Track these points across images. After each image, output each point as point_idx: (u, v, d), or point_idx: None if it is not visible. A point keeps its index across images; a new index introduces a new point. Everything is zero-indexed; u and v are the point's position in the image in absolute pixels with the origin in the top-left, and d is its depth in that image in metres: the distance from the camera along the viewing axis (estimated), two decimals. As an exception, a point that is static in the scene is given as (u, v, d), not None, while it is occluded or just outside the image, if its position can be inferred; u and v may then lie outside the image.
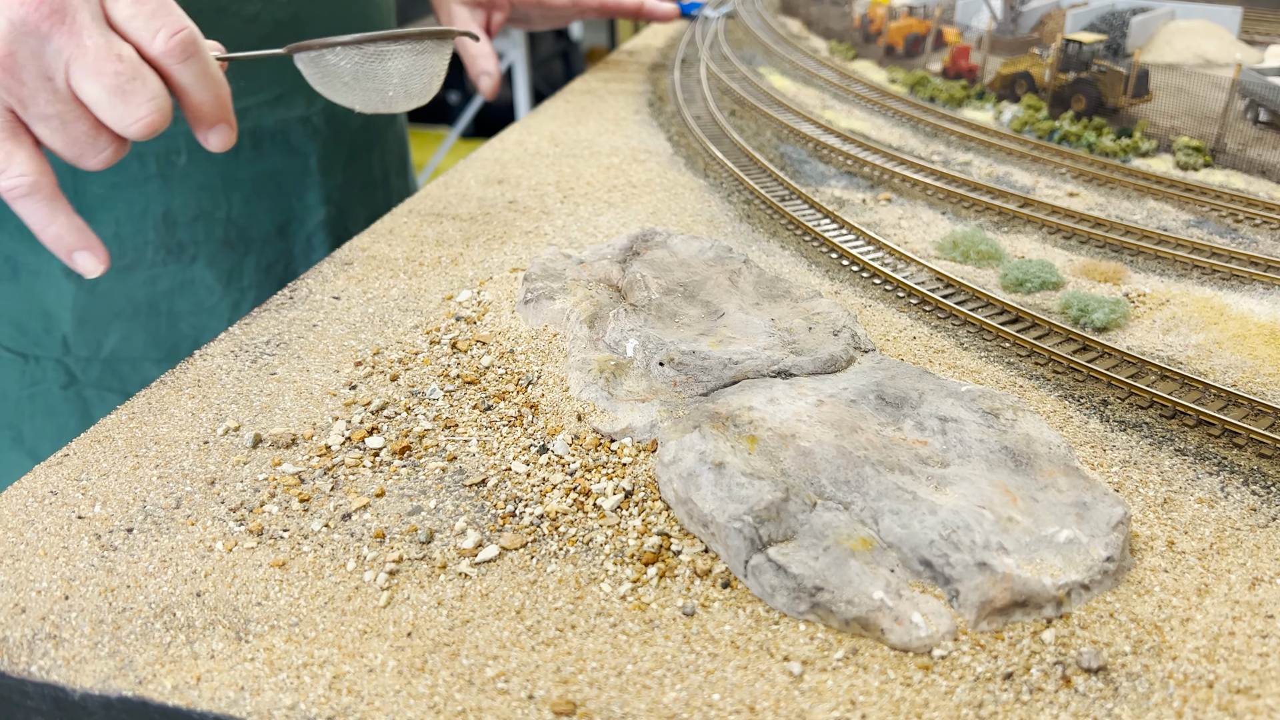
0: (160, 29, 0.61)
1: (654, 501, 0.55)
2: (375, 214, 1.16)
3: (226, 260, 0.98)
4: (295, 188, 1.02)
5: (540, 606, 0.49)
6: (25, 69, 0.59)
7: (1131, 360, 0.68)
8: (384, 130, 1.16)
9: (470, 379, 0.68)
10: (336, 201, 1.06)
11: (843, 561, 0.48)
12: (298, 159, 1.02)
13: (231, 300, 1.00)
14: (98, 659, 0.47)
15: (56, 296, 0.94)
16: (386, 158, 1.17)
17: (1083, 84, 1.16)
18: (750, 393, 0.60)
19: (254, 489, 0.58)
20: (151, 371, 0.99)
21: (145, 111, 0.61)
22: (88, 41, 0.59)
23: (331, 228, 1.06)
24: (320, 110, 1.02)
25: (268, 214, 1.01)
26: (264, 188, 0.99)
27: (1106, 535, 0.49)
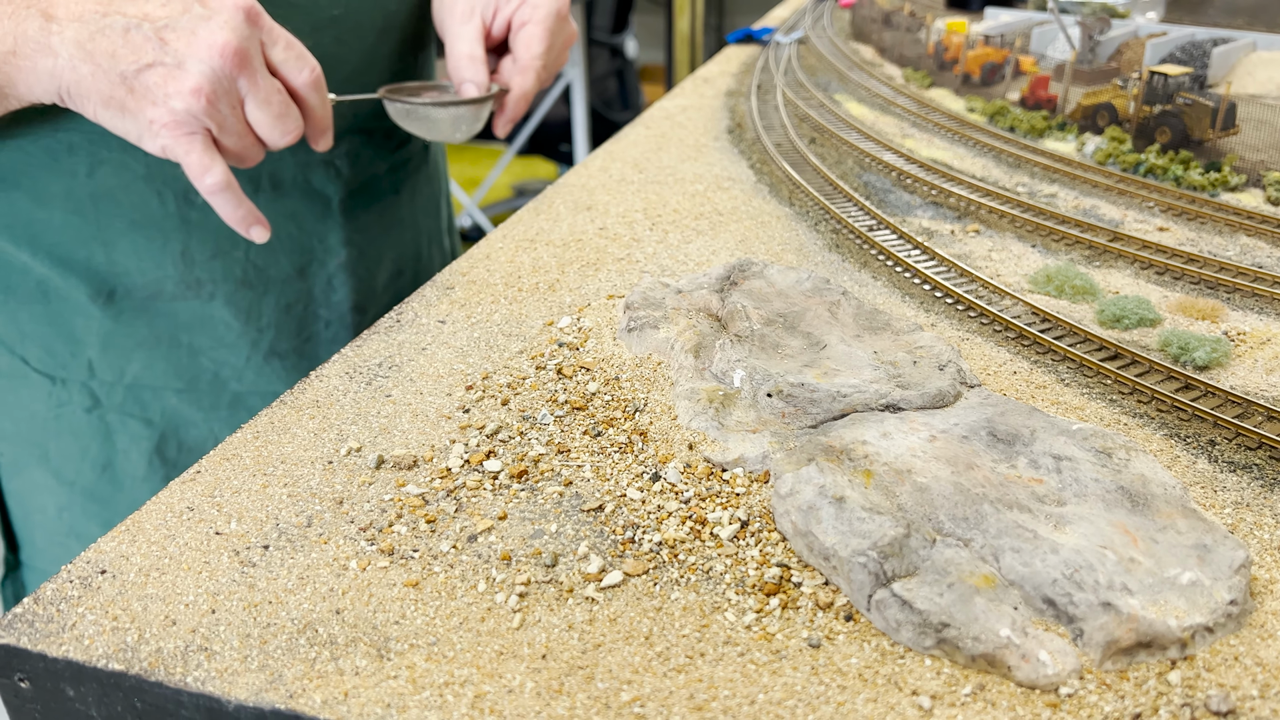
0: (304, 68, 0.81)
1: (770, 532, 0.57)
2: (402, 256, 1.17)
3: (244, 299, 1.01)
4: (316, 229, 1.03)
5: (668, 633, 0.50)
6: (220, 102, 0.77)
7: (1236, 400, 0.68)
8: (413, 172, 1.16)
9: (578, 405, 0.69)
10: (358, 244, 1.08)
11: (968, 598, 0.49)
12: (318, 201, 1.03)
13: (250, 339, 1.02)
14: (249, 672, 0.49)
15: (84, 322, 0.97)
16: (416, 200, 1.17)
17: (1168, 116, 1.16)
18: (861, 427, 0.61)
19: (381, 509, 0.60)
20: (172, 401, 1.02)
21: (293, 130, 0.82)
22: (260, 81, 0.78)
23: (353, 269, 1.07)
24: (344, 153, 1.03)
25: (287, 255, 1.02)
26: (283, 228, 1.01)
27: (1229, 578, 0.50)
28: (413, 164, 1.16)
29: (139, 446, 1.01)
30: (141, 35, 0.74)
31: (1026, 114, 1.28)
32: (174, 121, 0.76)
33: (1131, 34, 1.53)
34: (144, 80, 0.75)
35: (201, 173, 0.78)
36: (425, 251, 1.21)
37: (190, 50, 0.75)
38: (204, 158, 0.78)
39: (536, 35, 0.96)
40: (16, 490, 1.05)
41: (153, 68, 0.75)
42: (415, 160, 1.16)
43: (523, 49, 0.97)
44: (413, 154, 1.16)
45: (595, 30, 5.29)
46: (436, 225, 1.26)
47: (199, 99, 0.75)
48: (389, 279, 1.13)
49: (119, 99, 0.76)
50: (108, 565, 0.56)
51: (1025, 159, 1.16)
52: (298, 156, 0.99)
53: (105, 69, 0.75)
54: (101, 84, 0.75)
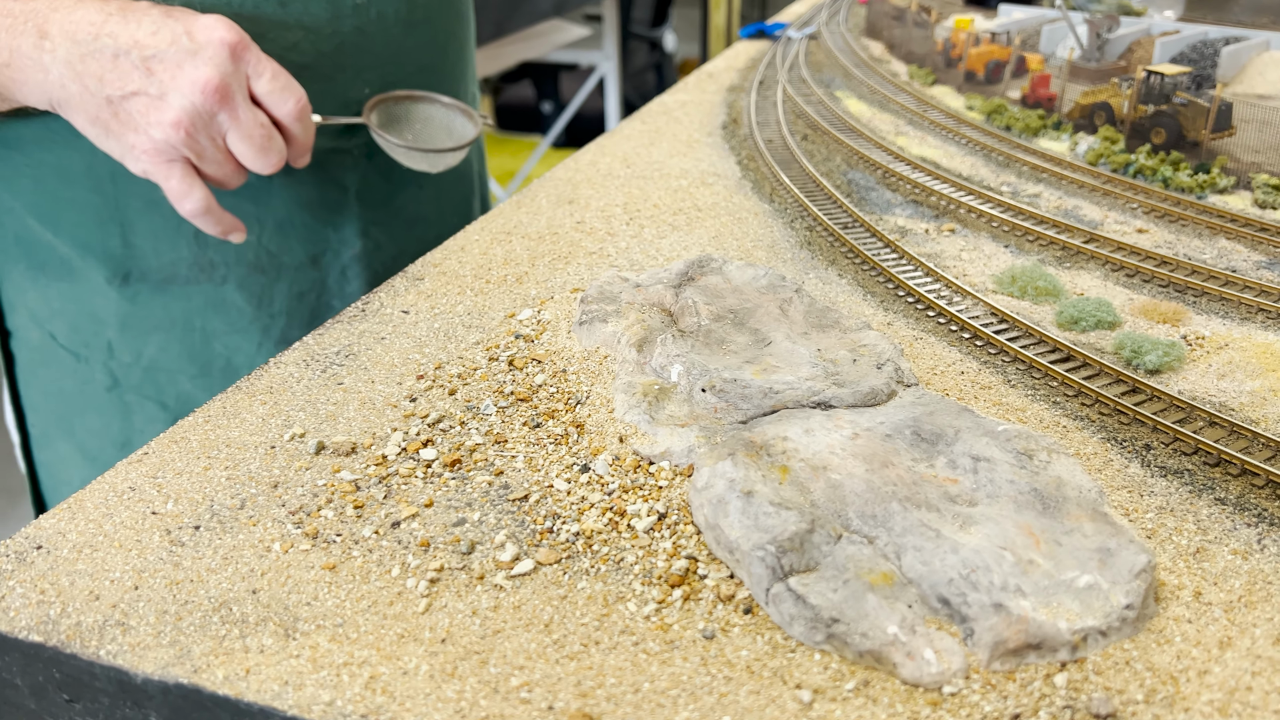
0: (289, 100, 0.84)
1: (686, 525, 0.57)
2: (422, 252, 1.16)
3: (256, 284, 1.02)
4: (331, 219, 1.05)
5: (568, 621, 0.51)
6: (199, 134, 0.81)
7: (1180, 405, 0.67)
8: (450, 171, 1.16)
9: (523, 396, 0.71)
10: (375, 236, 1.08)
11: (860, 595, 0.49)
12: (335, 190, 1.04)
13: (261, 324, 1.03)
14: (159, 647, 0.50)
15: (103, 303, 1.00)
16: (442, 196, 1.17)
17: (1163, 117, 1.14)
18: (787, 423, 0.61)
19: (313, 494, 0.61)
20: (186, 385, 1.04)
21: (275, 160, 0.85)
22: (241, 115, 0.81)
23: (368, 262, 1.08)
24: (362, 144, 1.04)
25: (300, 242, 1.03)
26: (298, 216, 1.02)
27: (1128, 582, 0.50)
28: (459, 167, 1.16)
29: (154, 428, 1.04)
30: (129, 63, 0.78)
31: (1024, 113, 1.27)
32: (154, 149, 0.80)
33: (1143, 32, 1.51)
34: (128, 107, 0.79)
35: (180, 198, 0.83)
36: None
37: (174, 83, 0.78)
38: (182, 184, 0.82)
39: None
40: (46, 462, 1.10)
41: (137, 96, 0.78)
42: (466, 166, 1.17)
43: None
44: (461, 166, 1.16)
45: (634, 24, 5.30)
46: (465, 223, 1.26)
47: (178, 131, 0.79)
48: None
49: (104, 120, 0.80)
50: (44, 541, 0.58)
51: (1015, 158, 1.15)
52: (315, 144, 1.00)
53: (92, 91, 0.78)
54: (88, 104, 0.79)
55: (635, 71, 5.21)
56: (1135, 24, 1.52)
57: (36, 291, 1.01)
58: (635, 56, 5.30)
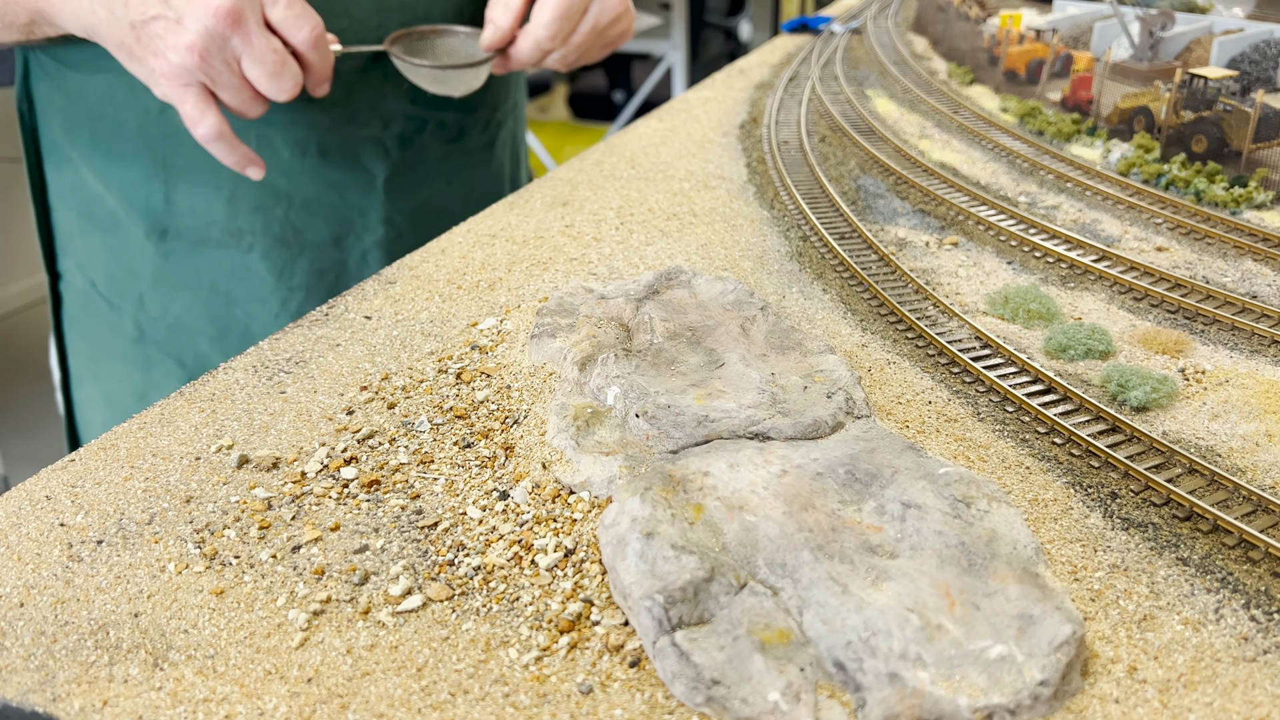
0: (303, 27, 0.85)
1: (593, 564, 0.54)
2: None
3: (280, 257, 1.04)
4: (357, 202, 1.06)
5: (442, 666, 0.48)
6: (214, 59, 0.82)
7: (1160, 448, 0.62)
8: (470, 165, 1.16)
9: (461, 413, 0.68)
10: (398, 225, 1.09)
11: (747, 655, 0.46)
12: (364, 176, 1.05)
13: (281, 296, 1.05)
14: (26, 670, 0.49)
15: (141, 256, 1.04)
16: (473, 193, 1.18)
17: (1204, 123, 1.06)
18: (714, 455, 0.57)
19: (224, 511, 0.60)
20: (204, 346, 1.07)
21: (290, 86, 0.86)
22: (254, 40, 0.82)
23: (389, 249, 1.09)
24: (395, 135, 1.05)
25: (325, 221, 1.05)
26: (325, 196, 1.04)
27: (1046, 655, 0.45)
28: (472, 157, 1.17)
29: (170, 384, 1.08)
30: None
31: (1059, 116, 1.20)
32: (171, 73, 0.83)
33: (1204, 30, 1.42)
34: (149, 30, 0.82)
35: (194, 123, 0.85)
36: None
37: (189, 8, 0.80)
38: (196, 109, 0.84)
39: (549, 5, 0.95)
40: (80, 401, 1.15)
41: (157, 20, 0.81)
42: (475, 154, 1.17)
43: (535, 14, 0.97)
44: (473, 148, 1.16)
45: (709, 13, 5.23)
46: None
47: (193, 55, 0.81)
48: None
49: (129, 45, 0.83)
50: (-53, 550, 0.57)
51: (1040, 165, 1.08)
52: (349, 130, 1.03)
53: (118, 16, 0.82)
54: (115, 29, 0.82)
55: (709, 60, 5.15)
56: (1194, 22, 1.43)
57: (84, 239, 1.06)
58: (709, 45, 5.23)
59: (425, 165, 1.11)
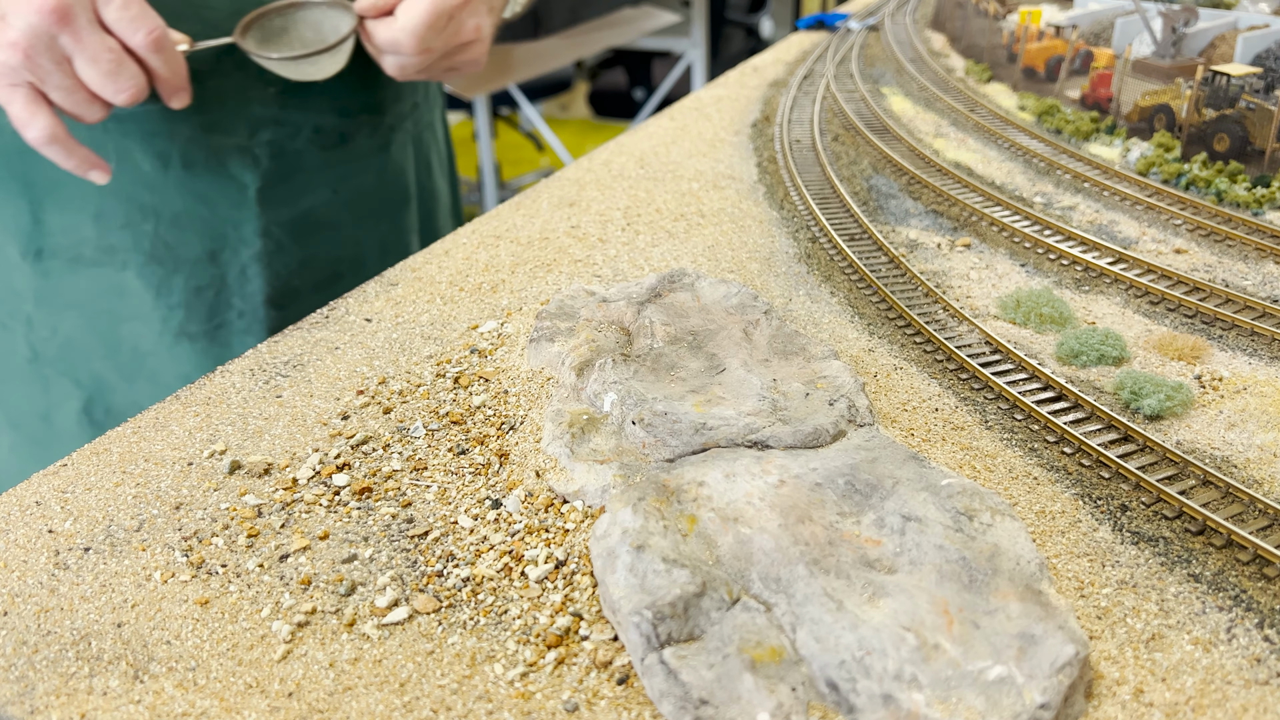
0: (139, 29, 0.80)
1: (583, 576, 0.53)
2: (340, 260, 1.10)
3: (154, 274, 1.01)
4: (230, 215, 1.01)
5: (426, 682, 0.47)
6: (41, 57, 0.78)
7: (1174, 459, 0.60)
8: (362, 172, 1.09)
9: (457, 419, 0.67)
10: (277, 237, 1.04)
11: (737, 674, 0.44)
12: (233, 186, 1.01)
13: (160, 314, 1.02)
14: (6, 682, 0.48)
15: (20, 277, 1.01)
16: (363, 204, 1.10)
17: (1227, 122, 1.04)
18: (709, 465, 0.56)
19: (213, 518, 0.59)
20: (97, 365, 1.04)
21: (129, 88, 0.81)
22: (86, 39, 0.78)
23: (269, 262, 1.04)
24: (265, 143, 1.00)
25: (197, 236, 1.01)
26: (194, 209, 1.00)
27: (1047, 678, 0.43)
28: (361, 164, 1.09)
29: (70, 404, 1.05)
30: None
31: (1077, 114, 1.17)
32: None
33: (1228, 26, 1.39)
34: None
35: (23, 125, 0.80)
36: (379, 263, 1.12)
37: (13, 4, 0.76)
38: (25, 110, 0.80)
39: (419, 9, 0.90)
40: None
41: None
42: (365, 161, 1.10)
43: (402, 13, 0.91)
44: (361, 154, 1.09)
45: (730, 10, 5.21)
46: (404, 238, 1.18)
47: (16, 52, 0.77)
48: (323, 281, 1.10)
49: None
50: (-66, 557, 0.56)
51: (1057, 165, 1.06)
52: (211, 139, 0.98)
53: None
54: None
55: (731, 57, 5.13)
56: (1218, 18, 1.40)
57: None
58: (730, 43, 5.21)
59: (304, 174, 1.05)
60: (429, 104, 1.21)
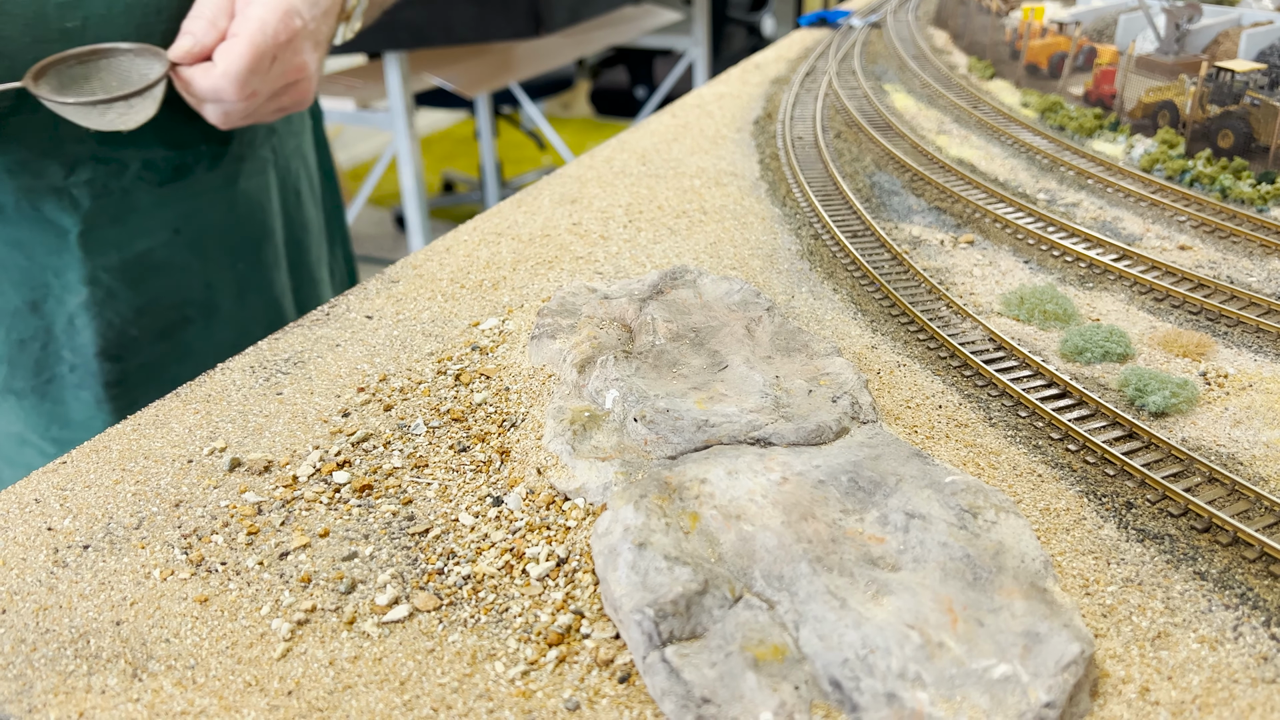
0: None
1: (585, 574, 0.52)
2: (186, 304, 1.00)
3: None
4: (50, 262, 0.93)
5: (426, 680, 0.47)
6: None
7: (1179, 456, 0.59)
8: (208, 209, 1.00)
9: (458, 416, 0.66)
10: (106, 284, 0.95)
11: (740, 672, 0.44)
12: (51, 232, 0.92)
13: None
14: (5, 679, 0.48)
15: None
16: (213, 243, 1.02)
17: (1231, 118, 1.03)
18: (712, 462, 0.56)
19: (212, 515, 0.58)
20: None
21: None
22: None
23: (100, 311, 0.96)
24: (84, 182, 0.92)
25: (14, 286, 0.93)
26: (10, 258, 0.92)
27: (1053, 676, 0.43)
28: (204, 200, 1.00)
29: None
30: None
31: (1080, 111, 1.17)
32: None
33: (1233, 22, 1.38)
34: None
35: None
36: (236, 305, 1.05)
37: None
38: None
39: (238, 54, 0.83)
40: None
41: None
42: (209, 197, 1.01)
43: (221, 58, 0.84)
44: (203, 190, 1.00)
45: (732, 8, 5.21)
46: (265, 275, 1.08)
47: None
48: (167, 328, 1.00)
49: None
50: (-68, 555, 0.56)
51: (1061, 161, 1.06)
52: (19, 181, 0.89)
53: None
54: None
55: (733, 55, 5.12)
56: (1222, 14, 1.40)
57: None
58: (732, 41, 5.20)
59: (136, 213, 0.95)
60: (291, 129, 1.12)
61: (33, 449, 0.98)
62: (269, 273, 1.09)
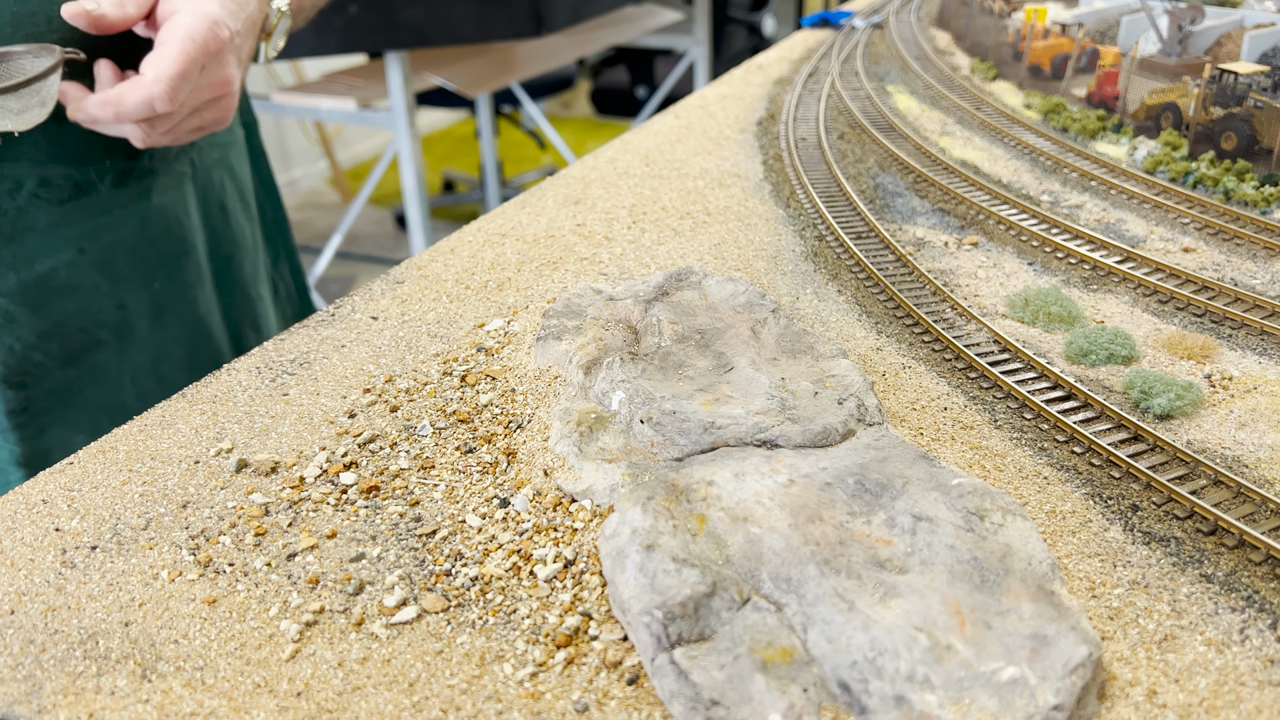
0: None
1: (592, 575, 0.53)
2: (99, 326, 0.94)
3: None
4: None
5: (435, 681, 0.47)
6: None
7: (1184, 458, 0.59)
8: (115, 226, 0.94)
9: (464, 417, 0.67)
10: (4, 308, 0.89)
11: (748, 675, 0.44)
12: None
13: None
14: (14, 680, 0.48)
15: None
16: (123, 261, 0.96)
17: (1234, 120, 1.04)
18: (719, 464, 0.56)
19: (220, 516, 0.58)
20: None
21: None
22: None
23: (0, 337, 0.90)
24: None
25: None
26: None
27: (1060, 679, 0.43)
28: (112, 218, 0.94)
29: None
30: None
31: (1083, 113, 1.17)
32: None
33: (1235, 24, 1.38)
34: None
35: None
36: (153, 325, 0.99)
37: None
38: None
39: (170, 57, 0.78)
40: None
41: None
42: (118, 214, 0.94)
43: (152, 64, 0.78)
44: (110, 206, 0.94)
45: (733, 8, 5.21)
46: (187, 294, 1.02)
47: None
48: (76, 352, 0.94)
49: None
50: (-60, 555, 0.56)
51: (1064, 163, 1.06)
52: None
53: None
54: None
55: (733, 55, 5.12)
56: (1225, 15, 1.40)
57: None
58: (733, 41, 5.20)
59: (34, 233, 0.89)
60: (214, 140, 1.06)
61: None
62: (190, 291, 1.03)
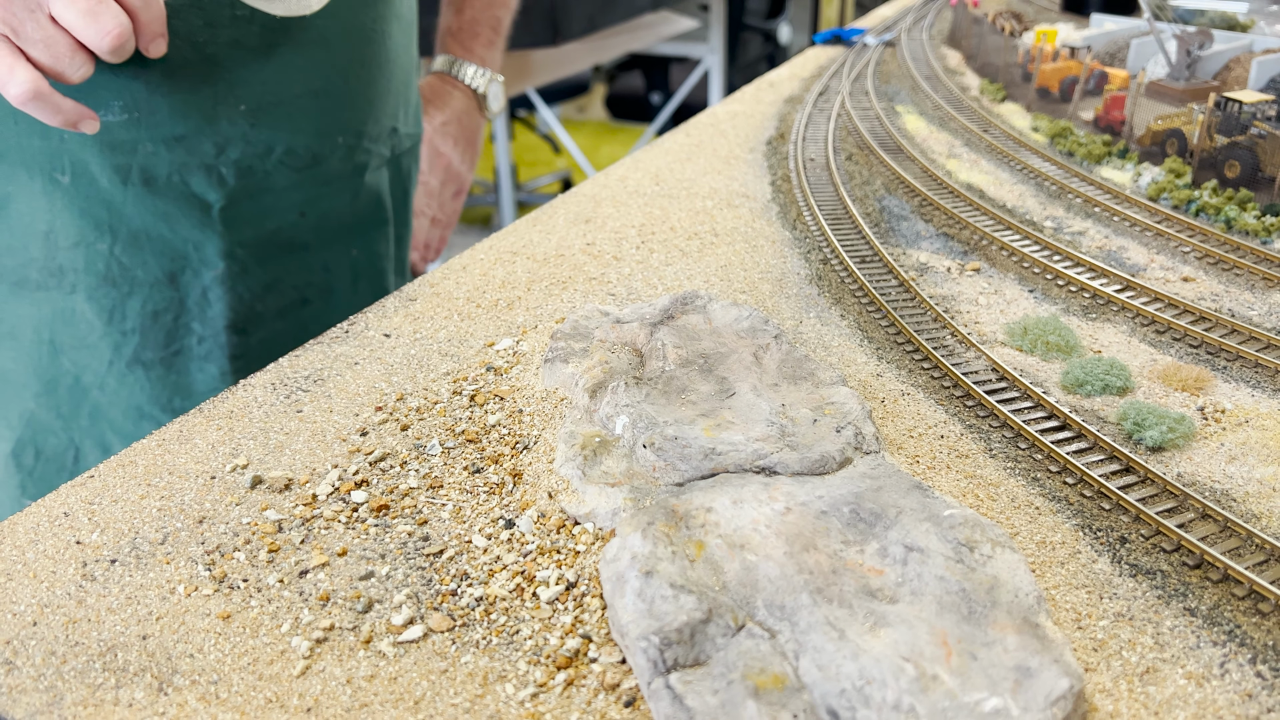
0: None
1: (593, 598, 0.54)
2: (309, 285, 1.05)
3: (108, 297, 0.95)
4: (191, 235, 0.96)
5: (439, 700, 0.49)
6: (13, 4, 0.73)
7: (1173, 492, 0.61)
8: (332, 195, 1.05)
9: (472, 437, 0.68)
10: (242, 259, 0.99)
11: (741, 700, 0.46)
12: (195, 206, 0.95)
13: (112, 341, 0.96)
14: (36, 691, 0.50)
15: None
16: (330, 227, 1.06)
17: (1238, 149, 1.05)
18: (718, 490, 0.57)
19: (235, 532, 0.60)
20: (29, 403, 0.97)
21: (112, 28, 0.75)
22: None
23: (233, 285, 0.99)
24: (232, 161, 0.95)
25: (155, 256, 0.96)
26: (154, 228, 0.94)
27: (1042, 710, 0.45)
28: (332, 188, 1.05)
29: (1, 446, 0.99)
30: None
31: (1089, 137, 1.18)
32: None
33: (1244, 49, 1.40)
34: None
35: (3, 83, 0.75)
36: (350, 288, 1.10)
37: None
38: (2, 65, 0.74)
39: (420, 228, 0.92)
40: None
41: None
42: (336, 184, 1.05)
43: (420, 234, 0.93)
44: (332, 177, 1.04)
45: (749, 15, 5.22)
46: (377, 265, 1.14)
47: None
48: (288, 306, 1.05)
49: None
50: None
51: (1069, 189, 1.07)
52: (174, 155, 0.92)
53: None
54: None
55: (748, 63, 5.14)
56: (1234, 40, 1.41)
57: None
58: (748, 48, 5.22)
59: (271, 194, 0.99)
60: (408, 129, 1.16)
61: (150, 422, 1.00)
62: (380, 262, 1.14)
